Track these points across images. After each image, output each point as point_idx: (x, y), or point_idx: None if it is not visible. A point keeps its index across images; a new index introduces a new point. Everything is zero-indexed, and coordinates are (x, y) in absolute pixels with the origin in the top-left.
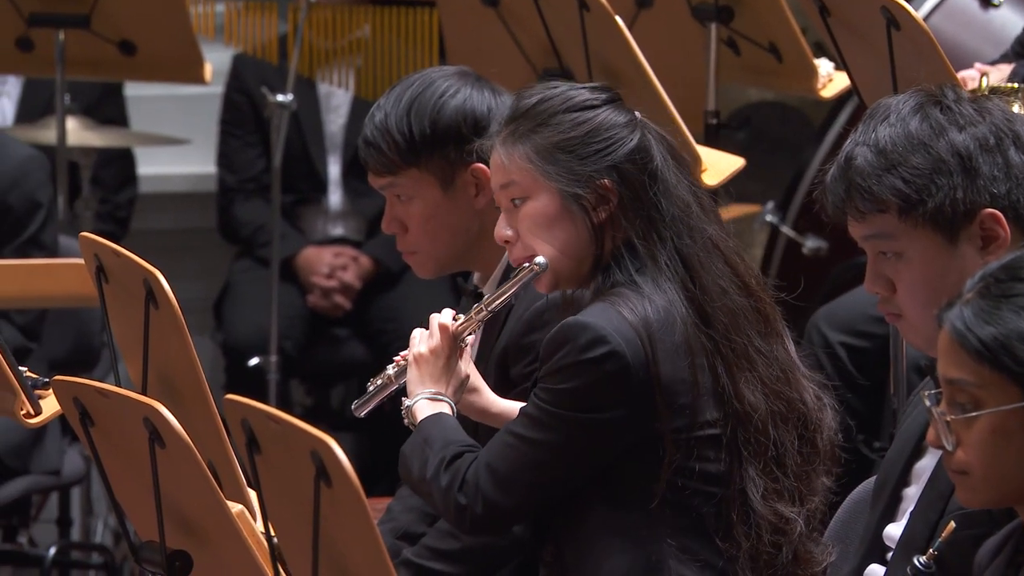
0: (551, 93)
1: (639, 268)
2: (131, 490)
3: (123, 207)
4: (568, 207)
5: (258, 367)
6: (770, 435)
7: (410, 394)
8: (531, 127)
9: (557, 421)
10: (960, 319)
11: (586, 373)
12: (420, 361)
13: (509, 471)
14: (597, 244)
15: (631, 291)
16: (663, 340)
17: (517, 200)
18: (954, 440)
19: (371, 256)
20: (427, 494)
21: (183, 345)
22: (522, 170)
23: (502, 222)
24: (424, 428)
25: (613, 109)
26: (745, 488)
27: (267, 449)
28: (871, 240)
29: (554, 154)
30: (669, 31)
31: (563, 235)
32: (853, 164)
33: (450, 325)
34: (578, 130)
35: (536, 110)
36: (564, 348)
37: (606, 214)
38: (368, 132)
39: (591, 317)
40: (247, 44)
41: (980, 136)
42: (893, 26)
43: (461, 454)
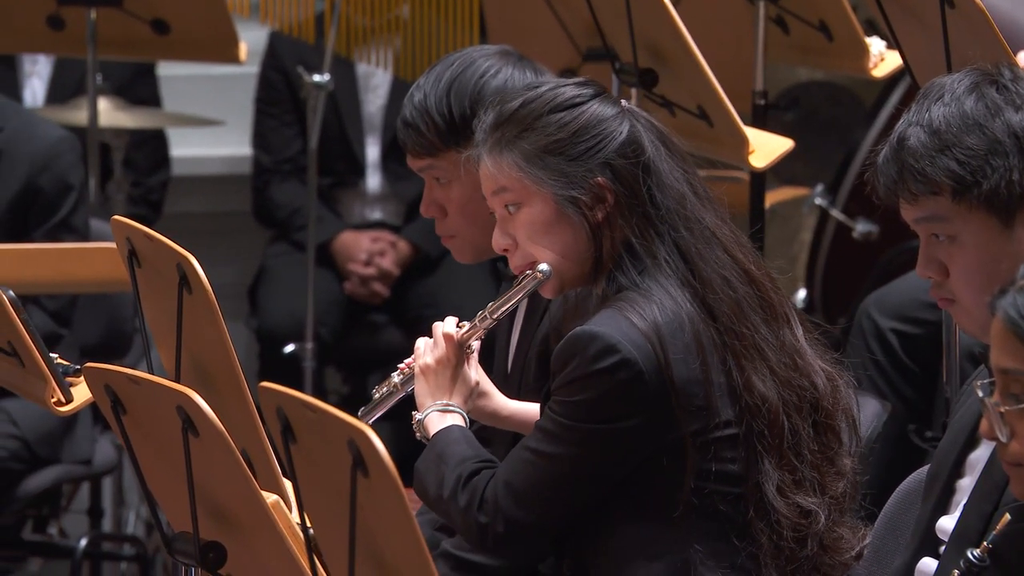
0: (533, 95)
1: (641, 269)
2: (164, 480)
3: (156, 190)
4: (564, 210)
5: (293, 354)
6: (783, 425)
7: (420, 407)
8: (516, 133)
9: (573, 434)
10: (1014, 307)
11: (599, 384)
12: (427, 373)
13: (527, 487)
14: (596, 244)
15: (637, 295)
16: (674, 342)
17: (511, 207)
18: (1008, 431)
19: (409, 241)
20: (445, 513)
21: (217, 331)
22: (512, 178)
23: (498, 231)
24: (437, 443)
25: (600, 103)
26: (760, 483)
27: (303, 438)
28: (924, 223)
29: (543, 158)
30: (716, 9)
31: (561, 239)
32: (906, 145)
33: (455, 333)
34: (565, 130)
35: (520, 114)
36: (574, 360)
37: (603, 213)
38: (407, 113)
39: (599, 326)
40: (283, 22)
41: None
42: (947, 3)
43: (478, 471)
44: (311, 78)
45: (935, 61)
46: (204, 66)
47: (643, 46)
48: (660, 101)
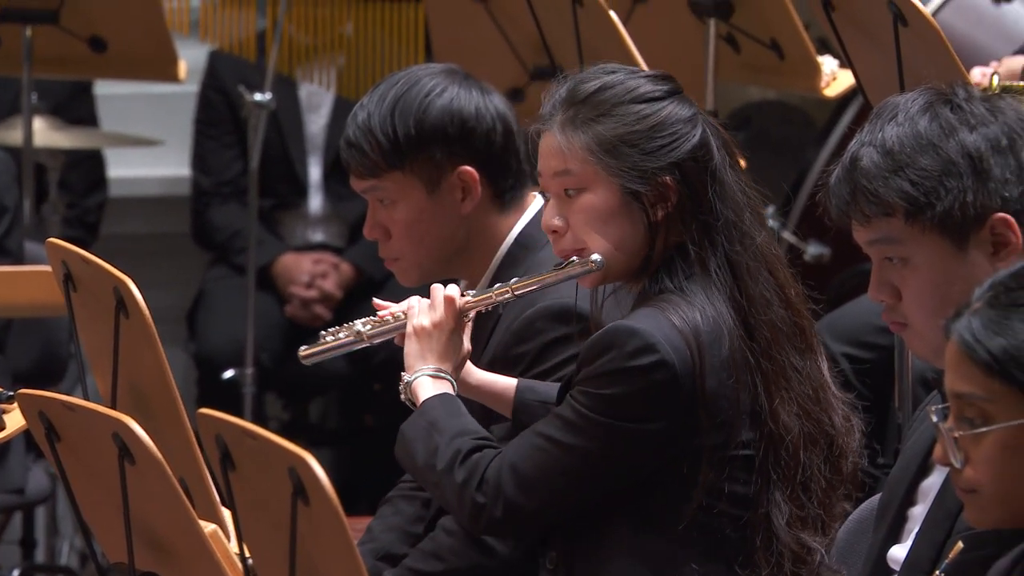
0: (612, 80)
1: (689, 275)
2: (99, 509)
3: (92, 211)
4: (628, 203)
5: (233, 379)
6: (800, 459)
7: (409, 368)
8: (593, 115)
9: (595, 427)
10: (968, 330)
11: (632, 381)
12: (422, 334)
13: (535, 474)
14: (650, 243)
15: (680, 298)
16: (711, 353)
17: (572, 191)
18: (962, 457)
19: (352, 263)
20: (434, 484)
21: (155, 356)
22: (582, 160)
23: (551, 210)
24: (429, 410)
25: (677, 102)
26: (770, 513)
27: (242, 466)
28: (876, 245)
29: (618, 147)
30: (666, 27)
31: (619, 231)
32: (859, 165)
33: (457, 299)
34: (643, 123)
35: (598, 98)
36: (610, 352)
37: (663, 213)
38: (350, 133)
39: (640, 322)
40: (224, 40)
41: (992, 136)
42: (900, 21)
43: (480, 448)
44: (252, 97)
45: (888, 80)
46: (142, 85)
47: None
48: None
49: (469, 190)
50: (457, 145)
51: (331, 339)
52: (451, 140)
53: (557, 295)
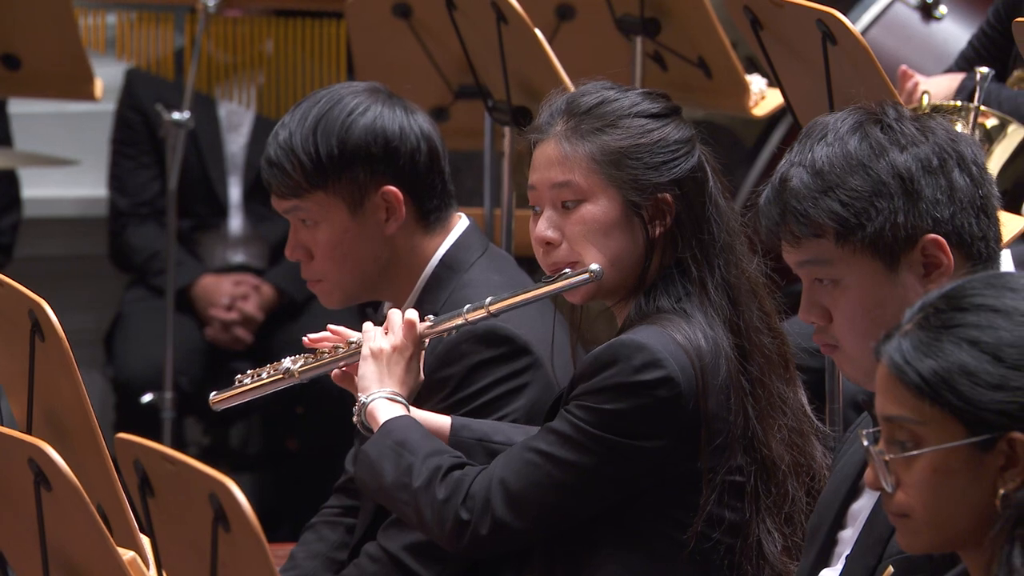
0: (612, 95)
1: (686, 295)
2: (14, 536)
3: (6, 232)
4: (628, 217)
5: (152, 404)
6: (788, 489)
7: (364, 390)
8: (597, 126)
9: (594, 443)
10: (899, 352)
11: (636, 396)
12: (380, 357)
13: (525, 490)
14: (647, 260)
15: (679, 318)
16: (712, 374)
17: (570, 203)
18: (894, 481)
19: (274, 285)
20: (406, 503)
21: (71, 380)
22: (586, 171)
23: (544, 223)
24: (394, 431)
25: (678, 122)
26: (761, 540)
27: (161, 492)
28: (807, 266)
29: (622, 160)
30: (592, 45)
31: (617, 245)
32: (788, 186)
33: (417, 324)
34: (647, 137)
35: (602, 110)
36: (614, 367)
37: (661, 230)
38: (271, 152)
39: (646, 338)
40: (141, 58)
41: (923, 157)
42: (829, 40)
43: (461, 465)
44: (170, 116)
45: (817, 99)
46: (58, 103)
47: (516, 83)
48: None
49: (393, 210)
50: (381, 165)
51: (249, 381)
52: (375, 160)
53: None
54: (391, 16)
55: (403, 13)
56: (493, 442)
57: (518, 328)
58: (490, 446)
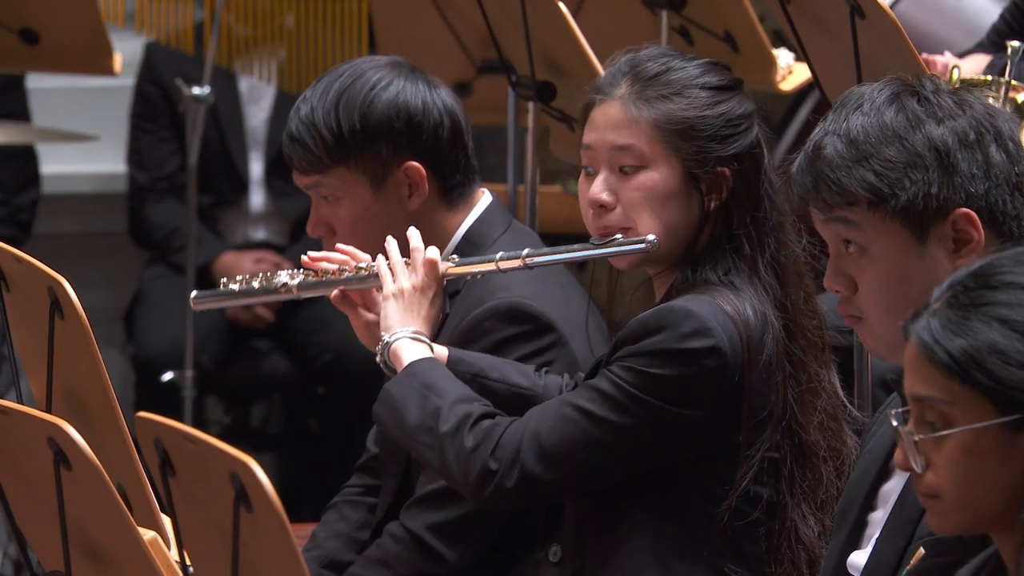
0: (678, 64)
1: (735, 268)
2: (34, 516)
3: (25, 209)
4: (686, 187)
5: (172, 382)
6: (822, 474)
7: (387, 329)
8: (664, 93)
9: (636, 405)
10: (927, 331)
11: (683, 363)
12: (402, 297)
13: (559, 444)
14: (697, 232)
15: (728, 290)
16: (757, 348)
17: (629, 167)
18: (923, 461)
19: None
20: (430, 447)
21: (91, 359)
22: (649, 137)
23: (600, 184)
24: (420, 372)
25: (741, 96)
26: (797, 524)
27: (182, 471)
28: (834, 224)
29: (687, 130)
30: (617, 19)
31: (672, 215)
32: (822, 154)
33: (439, 264)
34: (713, 110)
35: (668, 78)
36: (662, 332)
37: (716, 203)
38: (293, 127)
39: (695, 305)
40: (160, 32)
41: (959, 130)
42: (857, 14)
43: (492, 415)
44: (190, 91)
45: (845, 74)
46: (76, 78)
47: (540, 58)
48: (558, 115)
49: (416, 186)
50: (403, 140)
51: (235, 287)
52: (397, 135)
53: (507, 293)
54: None
55: None
56: (488, 378)
57: (542, 305)
58: (484, 382)
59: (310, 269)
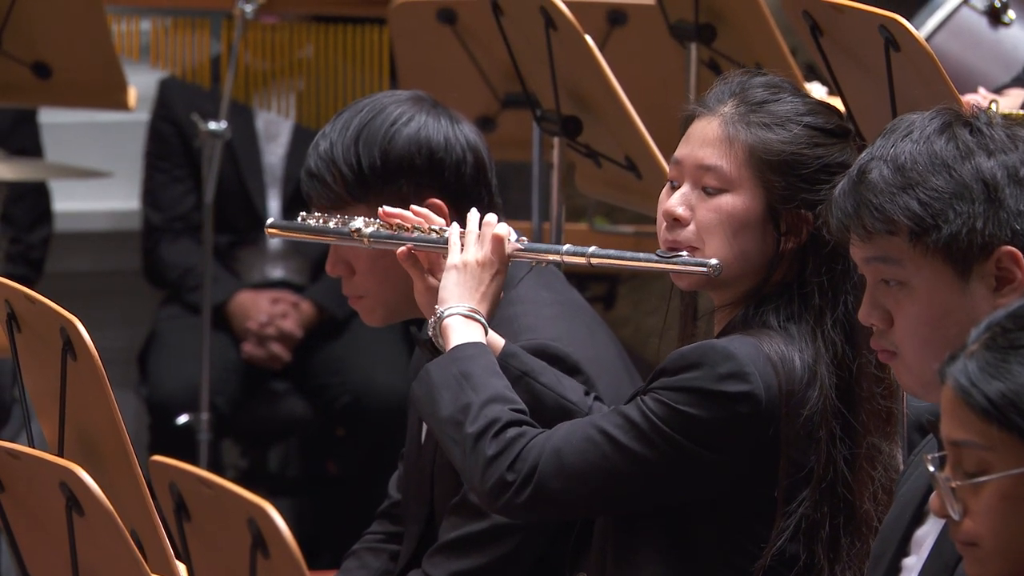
0: (789, 97)
1: (798, 317)
2: (45, 563)
3: (37, 247)
4: (764, 221)
5: (187, 425)
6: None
7: (443, 302)
8: (766, 122)
9: (660, 438)
10: (964, 374)
11: (715, 406)
12: (464, 269)
13: (580, 466)
14: (769, 271)
15: (780, 336)
16: (798, 399)
17: (712, 189)
18: (961, 508)
19: (314, 302)
20: (455, 442)
21: (104, 401)
22: (739, 162)
23: (679, 198)
24: (463, 359)
25: (845, 146)
26: None
27: (198, 516)
28: (874, 264)
29: (780, 164)
30: (645, 52)
31: (745, 245)
32: (867, 178)
33: (507, 241)
34: (813, 152)
35: (775, 107)
36: (699, 369)
37: (794, 244)
38: (312, 163)
39: (736, 347)
40: (176, 66)
41: (1010, 165)
42: (892, 46)
43: (519, 423)
44: (206, 126)
45: (880, 108)
46: (90, 113)
47: (566, 92)
48: (584, 151)
49: None
50: (425, 177)
51: (312, 223)
52: (419, 172)
53: (533, 335)
54: (436, 22)
55: (448, 19)
56: (538, 381)
57: (568, 347)
58: (532, 384)
59: (385, 221)
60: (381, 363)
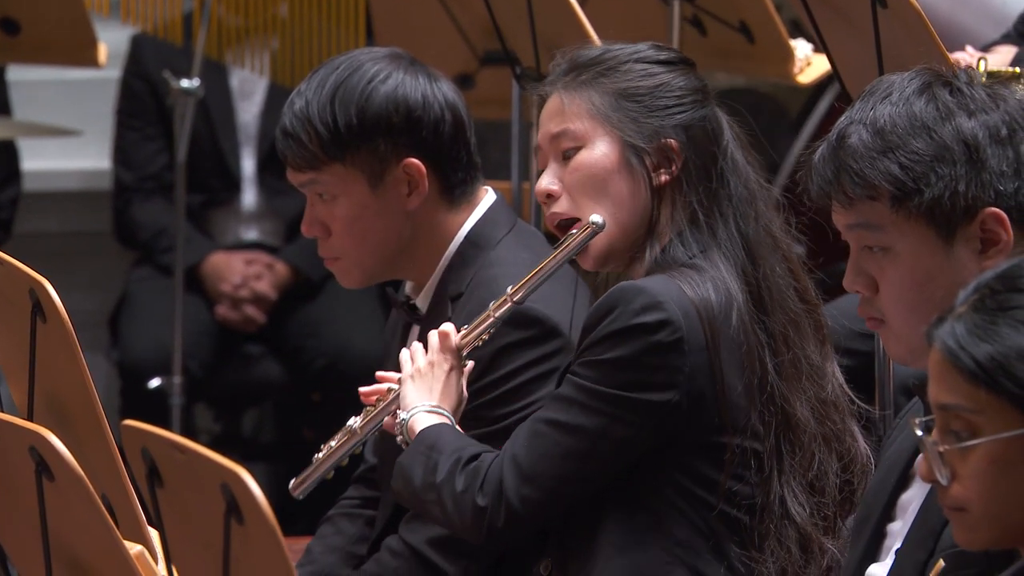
0: (617, 46)
1: (702, 247)
2: (15, 529)
3: (5, 207)
4: (628, 160)
5: (159, 389)
6: (814, 455)
7: (405, 407)
8: (597, 73)
9: (598, 400)
10: (952, 336)
11: (636, 340)
12: (417, 376)
13: (537, 461)
14: (654, 210)
15: (691, 270)
16: (723, 328)
17: (570, 151)
18: (949, 473)
19: (289, 263)
20: (435, 502)
21: (74, 364)
22: (581, 115)
23: (546, 176)
24: (427, 436)
25: (684, 72)
26: (785, 499)
27: (170, 482)
28: (856, 230)
29: (620, 101)
30: (626, 9)
31: (618, 193)
32: (846, 143)
33: (452, 335)
34: (649, 80)
35: (602, 58)
36: (614, 312)
37: (668, 178)
38: (287, 122)
39: (648, 282)
40: (147, 22)
41: (992, 125)
42: (879, 3)
43: (478, 455)
44: (179, 84)
45: (866, 65)
46: (59, 70)
47: (546, 49)
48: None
49: (415, 184)
50: (402, 136)
51: (321, 455)
52: (396, 130)
53: None
54: None
55: None
56: None
57: (547, 308)
58: None
59: (366, 402)
60: (358, 326)
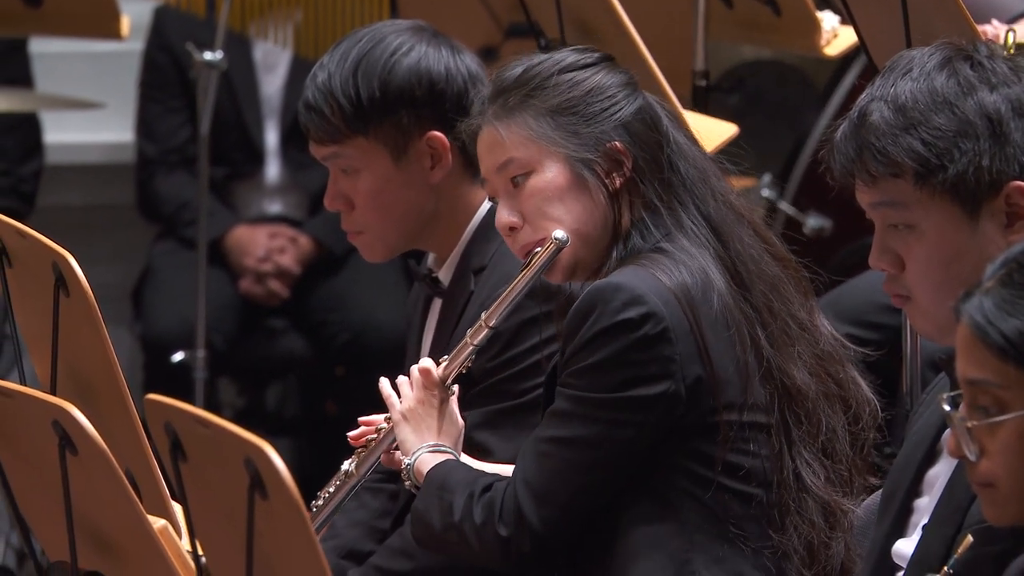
0: (536, 60)
1: (665, 233)
2: (38, 503)
3: (28, 180)
4: (579, 175)
5: (183, 363)
6: (820, 418)
7: (406, 452)
8: (524, 94)
9: (596, 408)
10: (980, 311)
11: (621, 337)
12: (410, 416)
13: (550, 482)
14: (615, 215)
15: (660, 255)
16: (703, 309)
17: (519, 178)
18: (977, 449)
19: (312, 236)
20: (458, 542)
21: (97, 338)
22: (522, 142)
23: (503, 209)
24: (435, 477)
25: (609, 69)
26: (800, 472)
27: (194, 456)
28: (881, 209)
29: (555, 118)
30: None
31: (577, 207)
32: (867, 121)
33: (433, 370)
34: (577, 89)
35: (525, 77)
36: (594, 313)
37: (621, 180)
38: (309, 95)
39: (622, 278)
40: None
41: (1014, 98)
42: None
43: (490, 485)
44: (202, 56)
45: (894, 38)
46: (82, 42)
47: (571, 21)
48: None
49: (439, 157)
50: (426, 109)
51: (321, 501)
52: (419, 103)
53: None
54: None
55: None
56: None
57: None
58: None
59: (356, 445)
60: (381, 300)
